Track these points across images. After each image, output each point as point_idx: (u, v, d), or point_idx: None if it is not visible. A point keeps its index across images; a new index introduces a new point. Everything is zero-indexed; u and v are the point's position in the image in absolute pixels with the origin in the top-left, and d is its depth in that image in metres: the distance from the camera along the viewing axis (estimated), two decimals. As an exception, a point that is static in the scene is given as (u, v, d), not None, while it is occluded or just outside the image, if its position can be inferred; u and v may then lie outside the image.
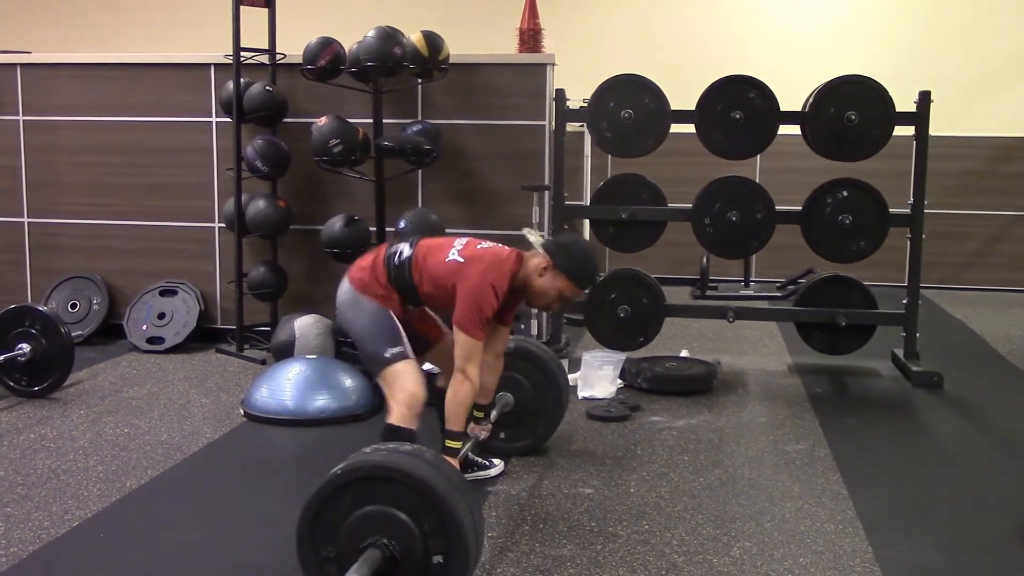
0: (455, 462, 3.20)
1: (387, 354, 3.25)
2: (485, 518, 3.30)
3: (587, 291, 3.37)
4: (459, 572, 2.43)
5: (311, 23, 6.14)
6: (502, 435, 3.89)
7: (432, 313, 3.59)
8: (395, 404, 3.24)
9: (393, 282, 3.34)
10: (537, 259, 3.36)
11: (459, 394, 3.23)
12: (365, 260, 3.44)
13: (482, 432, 3.56)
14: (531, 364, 3.90)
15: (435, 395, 3.56)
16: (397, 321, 3.32)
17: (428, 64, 5.21)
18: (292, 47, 5.56)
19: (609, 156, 7.71)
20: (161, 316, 5.82)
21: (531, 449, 3.94)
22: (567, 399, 4.03)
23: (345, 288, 3.40)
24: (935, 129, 5.23)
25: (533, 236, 3.46)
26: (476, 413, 3.53)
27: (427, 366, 3.57)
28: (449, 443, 3.26)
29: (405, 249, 3.38)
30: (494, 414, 3.72)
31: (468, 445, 3.45)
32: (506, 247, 3.41)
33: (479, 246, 3.37)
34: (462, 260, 3.29)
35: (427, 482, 2.43)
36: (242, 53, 5.47)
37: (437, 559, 2.42)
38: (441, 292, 3.30)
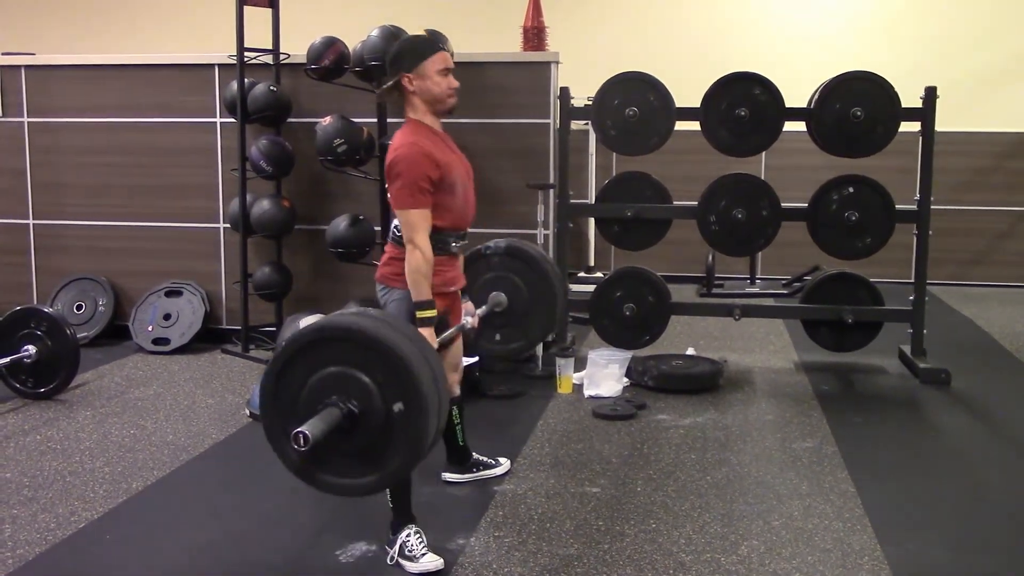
0: (430, 332, 3.09)
1: None
2: (492, 517, 3.30)
3: (445, 48, 3.27)
4: (419, 416, 2.46)
5: (315, 23, 6.14)
6: (498, 336, 3.84)
7: (461, 312, 3.52)
8: None
9: None
10: (406, 90, 3.22)
11: (412, 263, 3.10)
12: (383, 257, 3.34)
13: (469, 317, 3.45)
14: (524, 263, 3.81)
15: None
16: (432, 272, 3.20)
17: (432, 63, 5.19)
18: (296, 47, 5.56)
19: (614, 154, 7.71)
20: (166, 317, 5.82)
21: (524, 350, 3.87)
22: (563, 300, 3.88)
23: (378, 289, 3.33)
24: (941, 125, 5.21)
25: (378, 95, 3.39)
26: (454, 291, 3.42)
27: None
28: (420, 313, 3.12)
29: (396, 220, 3.25)
30: (484, 309, 3.65)
31: (455, 331, 3.36)
32: None
33: None
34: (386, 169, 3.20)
35: (370, 332, 2.48)
36: (246, 53, 5.47)
37: (397, 406, 2.46)
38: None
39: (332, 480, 2.56)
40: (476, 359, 4.64)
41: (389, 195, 3.16)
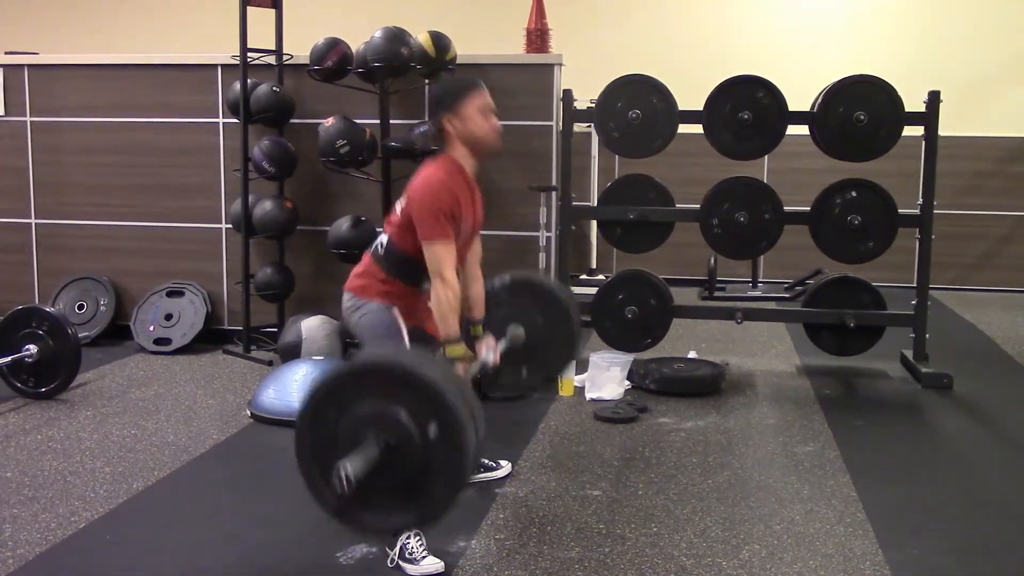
0: (461, 368, 3.14)
1: None
2: (492, 520, 3.30)
3: (481, 86, 3.26)
4: (455, 434, 2.42)
5: (318, 24, 6.14)
6: (525, 370, 3.77)
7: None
8: None
9: (392, 272, 3.27)
10: (447, 132, 3.23)
11: (441, 298, 3.13)
12: (357, 268, 3.39)
13: (491, 352, 3.43)
14: (538, 294, 3.77)
15: None
16: (400, 320, 3.27)
17: (435, 64, 5.20)
18: (299, 48, 5.56)
19: (617, 156, 7.69)
20: (168, 317, 5.82)
21: (544, 384, 3.84)
22: (579, 328, 3.83)
23: (346, 298, 3.35)
24: (944, 129, 5.20)
25: (423, 132, 3.39)
26: (474, 330, 3.45)
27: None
28: (450, 350, 3.16)
29: (382, 238, 3.32)
30: (504, 344, 3.58)
31: (477, 367, 3.36)
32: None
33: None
34: (403, 200, 3.24)
35: (390, 363, 2.49)
36: (249, 54, 5.47)
37: (432, 428, 2.42)
38: (412, 232, 3.20)
39: (375, 519, 2.52)
40: None
41: (414, 220, 3.14)
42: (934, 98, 5.10)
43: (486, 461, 3.70)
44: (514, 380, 3.82)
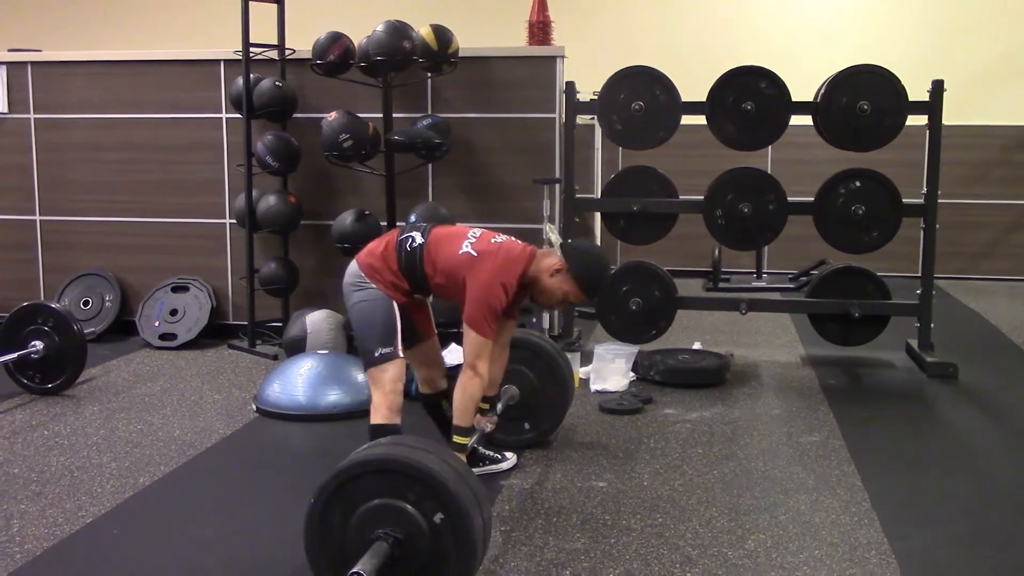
0: (462, 457, 3.19)
1: (377, 353, 3.24)
2: (498, 512, 3.30)
3: (592, 299, 3.34)
4: (462, 519, 2.43)
5: (320, 18, 6.14)
6: (526, 425, 3.91)
7: (430, 311, 3.57)
8: (378, 404, 3.24)
9: (404, 270, 3.30)
10: (551, 259, 3.34)
11: (468, 389, 3.22)
12: (376, 245, 3.39)
13: (488, 424, 3.53)
14: (534, 355, 3.90)
15: (424, 404, 3.67)
16: (397, 314, 3.29)
17: (437, 58, 5.20)
18: (301, 42, 5.56)
19: (620, 148, 7.70)
20: (173, 312, 5.83)
21: (537, 441, 3.94)
22: (572, 389, 4.03)
23: (352, 270, 3.36)
24: (948, 118, 5.19)
25: (554, 236, 3.45)
26: (482, 405, 3.51)
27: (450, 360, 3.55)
28: (457, 439, 3.26)
29: (417, 237, 3.33)
30: (500, 406, 3.71)
31: (475, 438, 3.44)
32: (519, 242, 3.39)
33: (493, 240, 3.34)
34: (475, 254, 3.25)
35: (389, 458, 2.48)
36: (251, 49, 5.47)
37: (438, 516, 2.43)
38: (452, 284, 3.28)
39: None
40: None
41: (468, 296, 3.22)
42: (938, 87, 5.08)
43: (491, 453, 3.71)
44: (516, 437, 3.93)
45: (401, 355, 3.27)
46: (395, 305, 3.29)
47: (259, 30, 5.52)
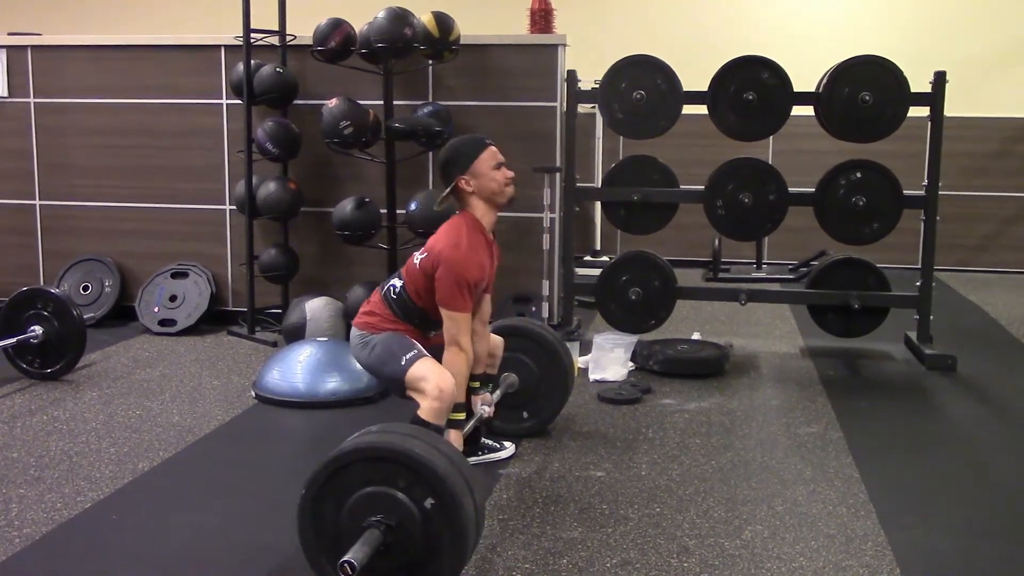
0: (459, 435, 3.25)
1: (403, 362, 3.23)
2: (496, 501, 3.31)
3: (489, 142, 3.36)
4: (453, 505, 2.44)
5: (321, 4, 6.11)
6: (525, 414, 3.92)
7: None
8: (425, 398, 3.17)
9: (402, 317, 3.35)
10: (462, 189, 3.33)
11: (454, 365, 3.25)
12: (366, 306, 3.44)
13: (486, 408, 3.54)
14: (534, 344, 3.90)
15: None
16: (411, 338, 3.33)
17: (439, 45, 5.19)
18: (302, 28, 5.54)
19: (621, 137, 7.69)
20: (173, 298, 5.83)
21: (536, 430, 3.95)
22: (572, 378, 4.04)
23: (355, 335, 3.41)
24: (950, 110, 5.18)
25: (439, 204, 3.47)
26: (472, 384, 3.51)
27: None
28: (451, 415, 3.24)
29: (396, 282, 3.39)
30: (498, 393, 3.72)
31: (473, 423, 3.45)
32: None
33: (432, 237, 3.39)
34: (425, 253, 3.31)
35: (377, 446, 2.49)
36: (252, 35, 5.45)
37: (429, 502, 2.44)
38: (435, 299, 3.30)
39: None
40: None
41: (437, 279, 3.22)
42: (940, 78, 5.07)
43: (490, 442, 3.72)
44: (516, 425, 3.95)
45: (427, 354, 3.27)
46: (406, 335, 3.34)
47: (260, 16, 5.50)
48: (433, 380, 3.16)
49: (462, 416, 3.31)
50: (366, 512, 2.47)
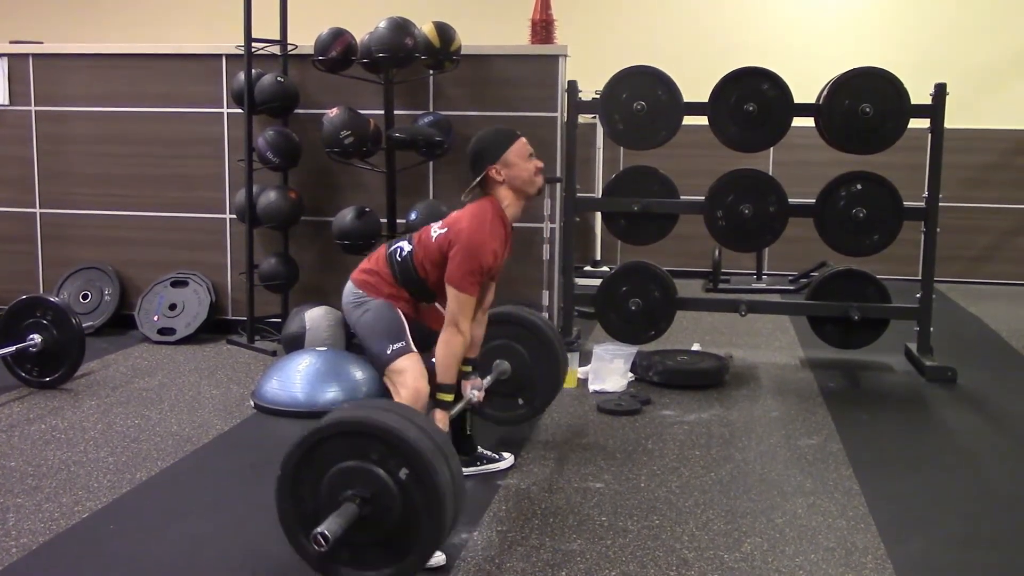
0: (445, 415, 3.26)
1: (388, 351, 3.26)
2: (494, 512, 3.30)
3: (519, 134, 3.37)
4: (427, 473, 2.45)
5: (323, 14, 6.13)
6: (520, 401, 3.92)
7: (442, 309, 3.58)
8: (399, 395, 3.24)
9: (400, 281, 3.35)
10: (491, 179, 3.32)
11: (451, 346, 3.25)
12: (367, 263, 3.44)
13: (476, 392, 3.52)
14: (526, 330, 3.89)
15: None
16: (403, 317, 3.32)
17: (440, 55, 5.19)
18: (303, 38, 5.55)
19: (621, 148, 7.70)
20: (172, 307, 5.83)
21: (529, 417, 3.96)
22: (565, 364, 4.02)
23: (349, 290, 3.41)
24: (950, 122, 5.19)
25: (466, 195, 3.46)
26: (463, 368, 3.49)
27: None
28: (440, 395, 3.27)
29: (404, 245, 3.38)
30: (489, 380, 3.71)
31: (461, 406, 3.43)
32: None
33: (454, 213, 3.39)
34: (445, 229, 3.31)
35: (349, 420, 2.53)
36: (254, 44, 5.46)
37: (403, 472, 2.45)
38: (442, 274, 3.28)
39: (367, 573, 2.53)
40: None
41: (451, 257, 3.22)
42: (940, 90, 5.08)
43: (488, 453, 3.71)
44: (510, 413, 3.96)
45: (415, 350, 3.28)
46: (399, 311, 3.32)
47: (261, 25, 5.52)
48: (412, 383, 3.20)
49: (450, 398, 3.30)
50: (342, 487, 2.48)
